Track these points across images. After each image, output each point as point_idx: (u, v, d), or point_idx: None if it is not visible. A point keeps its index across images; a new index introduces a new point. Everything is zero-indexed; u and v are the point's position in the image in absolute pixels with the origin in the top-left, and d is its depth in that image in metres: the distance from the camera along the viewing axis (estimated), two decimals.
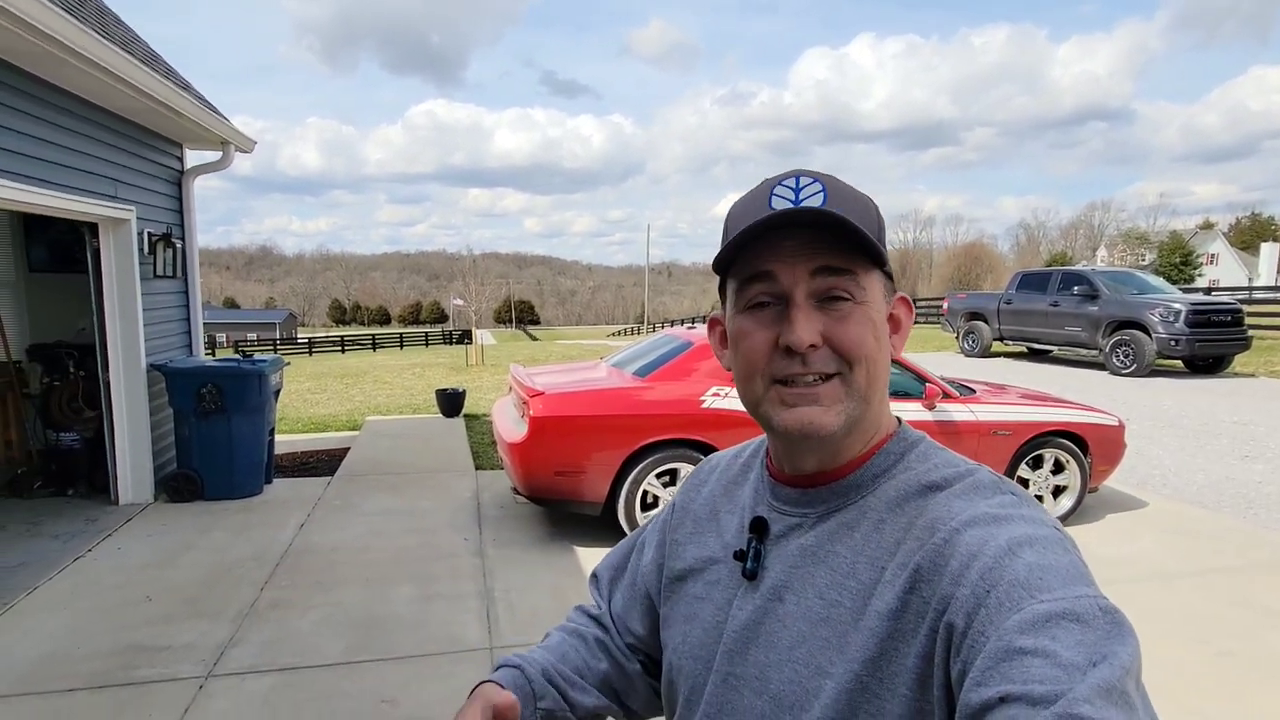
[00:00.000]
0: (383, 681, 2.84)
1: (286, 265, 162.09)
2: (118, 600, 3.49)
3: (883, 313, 0.66)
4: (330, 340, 42.78)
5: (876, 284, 0.65)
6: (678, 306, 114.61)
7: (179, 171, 5.68)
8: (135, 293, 4.88)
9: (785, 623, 0.65)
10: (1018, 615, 0.49)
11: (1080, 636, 0.47)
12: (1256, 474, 5.90)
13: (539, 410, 4.14)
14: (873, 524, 0.64)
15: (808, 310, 0.62)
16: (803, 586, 0.65)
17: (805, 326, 0.62)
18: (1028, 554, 0.53)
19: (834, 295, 0.63)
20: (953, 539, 0.57)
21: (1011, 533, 0.55)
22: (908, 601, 0.57)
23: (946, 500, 0.61)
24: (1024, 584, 0.51)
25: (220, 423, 4.95)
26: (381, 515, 4.85)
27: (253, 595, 3.58)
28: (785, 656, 0.64)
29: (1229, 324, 10.99)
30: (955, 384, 4.95)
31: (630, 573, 0.88)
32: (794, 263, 0.62)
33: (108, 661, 2.94)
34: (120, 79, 4.14)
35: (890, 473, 0.66)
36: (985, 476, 0.63)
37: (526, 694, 0.77)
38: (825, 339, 0.62)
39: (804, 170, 0.66)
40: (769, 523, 0.70)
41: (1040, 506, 0.61)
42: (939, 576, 0.56)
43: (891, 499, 0.64)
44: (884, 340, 0.66)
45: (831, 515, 0.66)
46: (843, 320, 0.63)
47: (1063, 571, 0.52)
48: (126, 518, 4.67)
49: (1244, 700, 2.76)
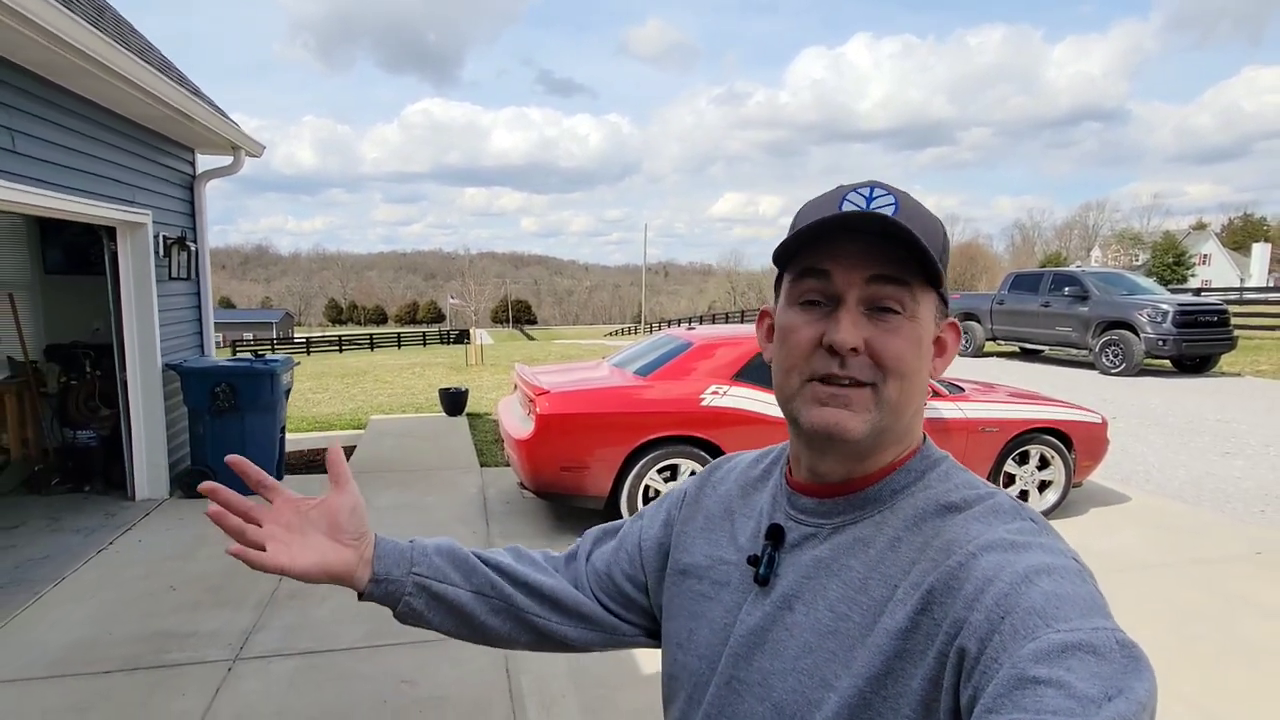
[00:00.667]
0: (400, 664, 3.01)
1: (282, 265, 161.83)
2: (142, 590, 3.65)
3: (930, 333, 0.66)
4: (328, 340, 42.84)
5: (929, 304, 0.65)
6: (674, 306, 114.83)
7: (191, 176, 5.83)
8: (151, 294, 5.03)
9: (793, 632, 0.65)
10: (1033, 644, 0.49)
11: (1096, 669, 0.47)
12: (1236, 470, 6.10)
13: (545, 408, 4.31)
14: (888, 541, 0.64)
15: (856, 314, 0.63)
16: (813, 597, 0.65)
17: (850, 329, 0.62)
18: (1045, 582, 0.53)
19: (885, 306, 0.63)
20: (968, 563, 0.57)
21: (1029, 560, 0.55)
22: (918, 622, 0.57)
23: (964, 523, 0.61)
24: (1040, 612, 0.50)
25: (233, 421, 5.10)
26: (391, 510, 5.01)
27: (271, 586, 3.73)
28: (790, 666, 0.64)
29: (1215, 324, 11.21)
30: (944, 382, 5.13)
31: (622, 537, 0.88)
32: (851, 265, 0.63)
33: (138, 646, 3.10)
34: (138, 87, 4.28)
35: (910, 490, 0.66)
36: (1005, 501, 0.63)
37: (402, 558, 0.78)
38: (868, 346, 0.63)
39: (880, 181, 0.67)
40: (785, 531, 0.71)
41: (1059, 535, 0.61)
42: (952, 599, 0.55)
43: (909, 517, 0.64)
44: (925, 360, 0.66)
45: (847, 528, 0.67)
46: (889, 332, 0.63)
47: (1080, 602, 0.51)
48: (144, 512, 4.82)
49: (1214, 680, 2.93)
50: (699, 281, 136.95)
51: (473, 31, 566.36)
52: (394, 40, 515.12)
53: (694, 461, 4.46)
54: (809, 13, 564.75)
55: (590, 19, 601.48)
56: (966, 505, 0.63)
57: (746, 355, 4.65)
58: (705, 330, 5.31)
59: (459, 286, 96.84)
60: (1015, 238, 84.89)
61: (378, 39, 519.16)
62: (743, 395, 4.49)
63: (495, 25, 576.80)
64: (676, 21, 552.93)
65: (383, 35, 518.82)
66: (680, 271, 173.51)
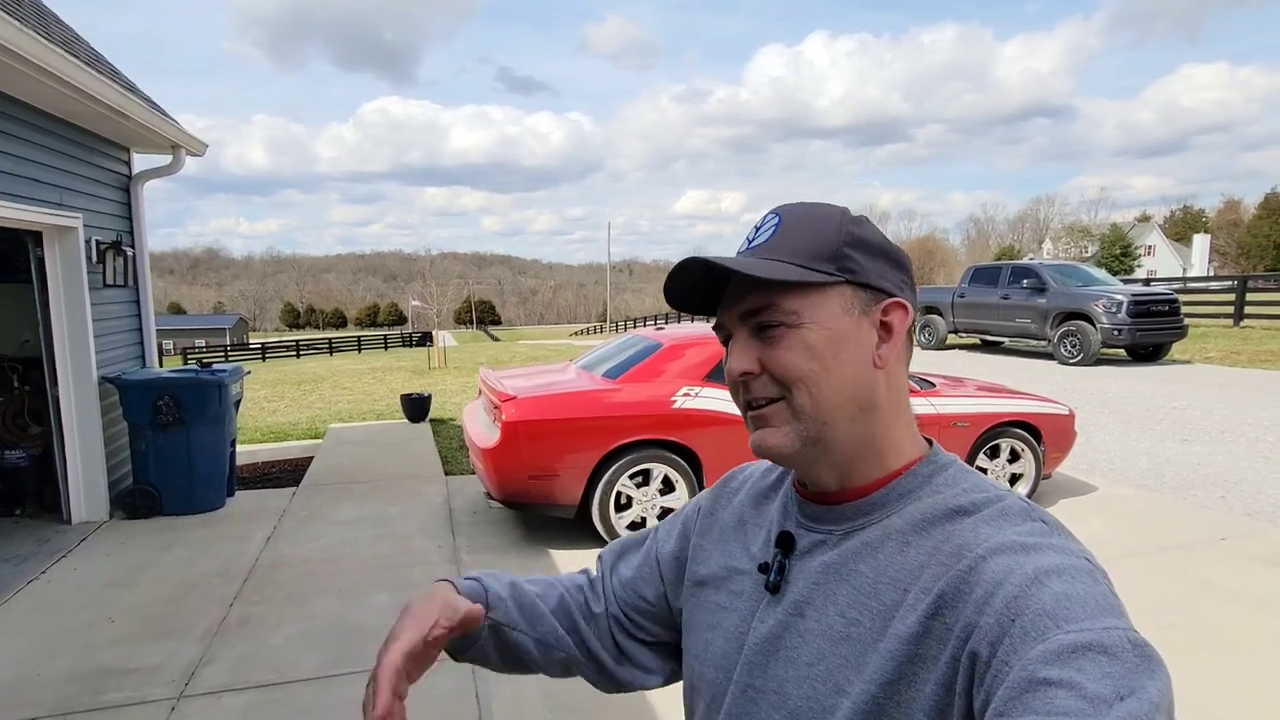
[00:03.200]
0: (362, 693, 2.81)
1: (235, 268, 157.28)
2: (79, 622, 3.39)
3: (840, 329, 0.65)
4: (285, 345, 41.69)
5: (828, 303, 0.65)
6: (640, 304, 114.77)
7: (127, 176, 5.49)
8: (84, 303, 4.71)
9: (805, 639, 0.65)
10: (1043, 645, 0.49)
11: (1108, 669, 0.46)
12: (1194, 456, 6.22)
13: (511, 415, 4.14)
14: (897, 545, 0.64)
15: (744, 342, 0.67)
16: (824, 603, 0.65)
17: (738, 357, 0.67)
18: (1055, 583, 0.52)
19: (765, 324, 0.66)
20: (979, 566, 0.56)
21: (1039, 562, 0.55)
22: (930, 627, 0.57)
23: (974, 526, 0.61)
24: (1050, 614, 0.50)
25: (179, 435, 4.81)
26: (351, 524, 4.78)
27: (221, 612, 3.50)
28: (804, 673, 0.64)
29: (1167, 313, 11.52)
30: (915, 378, 5.10)
31: (646, 551, 0.89)
32: (728, 303, 0.69)
33: (72, 687, 2.85)
34: (64, 82, 3.99)
35: (917, 494, 0.66)
36: (1015, 503, 0.63)
37: (479, 598, 0.80)
38: (762, 365, 0.66)
39: (779, 207, 0.71)
40: (795, 538, 0.71)
41: (1071, 535, 0.60)
42: (963, 603, 0.55)
43: (917, 521, 0.64)
44: (838, 357, 0.65)
45: (855, 533, 0.67)
46: (773, 346, 0.66)
47: (1091, 602, 0.51)
48: (81, 537, 4.51)
49: (1187, 671, 2.92)
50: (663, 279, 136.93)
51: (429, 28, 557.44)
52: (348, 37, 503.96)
53: (667, 466, 4.34)
54: (768, 10, 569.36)
55: (549, 15, 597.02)
56: (976, 508, 0.62)
57: (718, 355, 4.54)
58: (675, 330, 5.18)
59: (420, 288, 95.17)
60: (970, 232, 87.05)
61: (331, 36, 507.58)
62: (716, 396, 4.38)
63: (452, 21, 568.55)
64: (636, 18, 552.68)
65: (336, 32, 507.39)
66: (645, 269, 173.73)
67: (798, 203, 0.71)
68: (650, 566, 0.87)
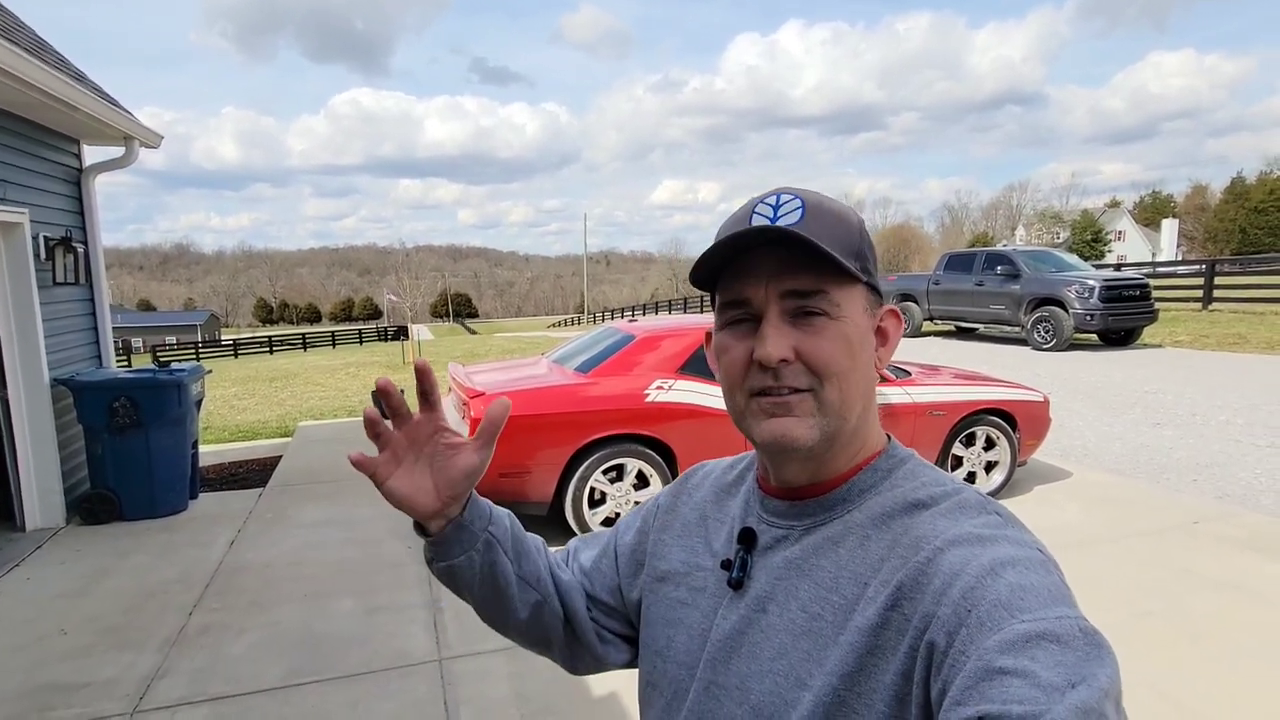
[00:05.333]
0: (327, 703, 2.72)
1: (206, 264, 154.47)
2: (28, 636, 3.24)
3: (863, 327, 0.66)
4: (257, 341, 41.00)
5: (856, 299, 0.65)
6: (617, 295, 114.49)
7: (77, 170, 5.27)
8: (33, 302, 4.51)
9: (768, 634, 0.65)
10: (998, 635, 0.50)
11: (1060, 657, 0.48)
12: (1167, 440, 6.29)
13: (480, 411, 4.04)
14: (858, 539, 0.64)
15: (779, 325, 0.63)
16: (786, 599, 0.65)
17: (775, 341, 0.63)
18: (1010, 574, 0.53)
19: (807, 311, 0.63)
20: (936, 558, 0.57)
21: (995, 553, 0.56)
22: (889, 618, 0.58)
23: (931, 519, 0.62)
24: (1005, 604, 0.51)
25: (137, 438, 4.65)
26: (319, 527, 4.65)
27: (180, 621, 3.38)
28: (766, 668, 0.64)
29: (1138, 298, 11.68)
30: (891, 367, 5.08)
31: (605, 544, 0.89)
32: (764, 280, 0.64)
33: (18, 704, 2.72)
34: (2, 71, 3.79)
35: (877, 489, 0.67)
36: (971, 496, 0.64)
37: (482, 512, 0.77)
38: (798, 354, 0.63)
39: (788, 188, 0.67)
40: (757, 534, 0.71)
41: (1025, 527, 0.61)
42: (921, 594, 0.56)
43: (877, 515, 0.65)
44: (862, 355, 0.66)
45: (817, 529, 0.67)
46: (815, 335, 0.63)
47: (1044, 592, 0.52)
48: (35, 545, 4.34)
49: (1161, 656, 2.92)
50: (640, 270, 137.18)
51: (401, 17, 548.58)
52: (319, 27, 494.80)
53: (641, 461, 4.27)
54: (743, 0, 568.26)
55: (523, 5, 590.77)
56: (933, 501, 0.63)
57: (692, 347, 4.47)
58: (648, 322, 5.10)
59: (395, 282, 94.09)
60: (945, 219, 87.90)
61: (301, 26, 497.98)
62: (690, 389, 4.31)
63: (425, 10, 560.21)
64: (610, 8, 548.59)
65: (306, 23, 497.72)
66: (622, 260, 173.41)
67: (807, 189, 0.68)
68: (609, 558, 0.87)
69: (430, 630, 3.28)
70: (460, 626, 3.30)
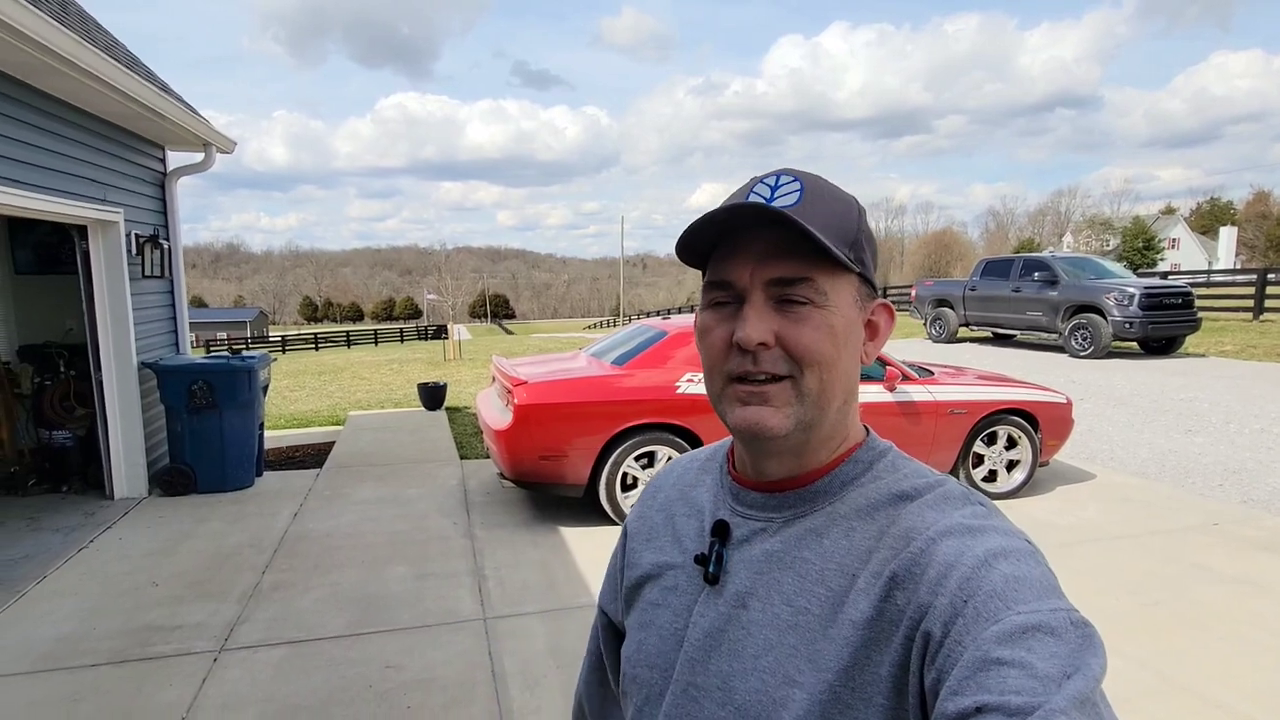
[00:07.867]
0: (385, 650, 3.07)
1: (255, 262, 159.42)
2: (126, 586, 3.67)
3: (851, 318, 0.65)
4: (303, 338, 42.36)
5: (845, 289, 0.64)
6: (653, 298, 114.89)
7: (162, 173, 5.78)
8: (125, 293, 5.00)
9: (750, 630, 0.63)
10: (995, 626, 0.50)
11: (1055, 649, 0.49)
12: (1196, 446, 6.31)
13: (523, 399, 4.37)
14: (843, 531, 0.63)
15: (761, 309, 0.62)
16: (769, 593, 0.64)
17: (755, 325, 0.62)
18: (1004, 565, 0.54)
19: (791, 298, 0.62)
20: (929, 548, 0.57)
21: (987, 544, 0.56)
22: (883, 609, 0.57)
23: (919, 510, 0.62)
24: (1001, 595, 0.52)
25: (211, 418, 5.10)
26: (372, 503, 5.04)
27: (254, 578, 3.77)
28: (751, 665, 0.62)
29: (1180, 306, 11.47)
30: (914, 367, 5.26)
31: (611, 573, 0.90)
32: (751, 267, 0.63)
33: (124, 640, 3.13)
34: (106, 84, 4.25)
35: (859, 481, 0.66)
36: (954, 488, 0.64)
37: None
38: (779, 339, 0.62)
39: (789, 169, 0.66)
40: (731, 526, 0.69)
41: (1006, 517, 0.62)
42: (916, 584, 0.56)
43: (861, 507, 0.64)
44: (847, 347, 0.65)
45: (798, 520, 0.66)
46: (798, 322, 0.62)
47: (1036, 584, 0.53)
48: (123, 511, 4.81)
49: (1167, 642, 3.08)
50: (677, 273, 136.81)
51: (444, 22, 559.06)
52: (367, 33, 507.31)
53: (671, 449, 4.55)
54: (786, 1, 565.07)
55: (563, 8, 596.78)
56: (918, 493, 0.63)
57: None
58: (679, 319, 5.39)
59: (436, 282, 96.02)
60: (989, 224, 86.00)
61: (350, 31, 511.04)
62: None
63: (467, 15, 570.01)
64: (651, 10, 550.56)
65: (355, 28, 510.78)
66: (658, 263, 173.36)
67: (808, 172, 0.66)
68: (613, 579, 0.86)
69: (475, 594, 3.61)
70: (503, 591, 3.63)
